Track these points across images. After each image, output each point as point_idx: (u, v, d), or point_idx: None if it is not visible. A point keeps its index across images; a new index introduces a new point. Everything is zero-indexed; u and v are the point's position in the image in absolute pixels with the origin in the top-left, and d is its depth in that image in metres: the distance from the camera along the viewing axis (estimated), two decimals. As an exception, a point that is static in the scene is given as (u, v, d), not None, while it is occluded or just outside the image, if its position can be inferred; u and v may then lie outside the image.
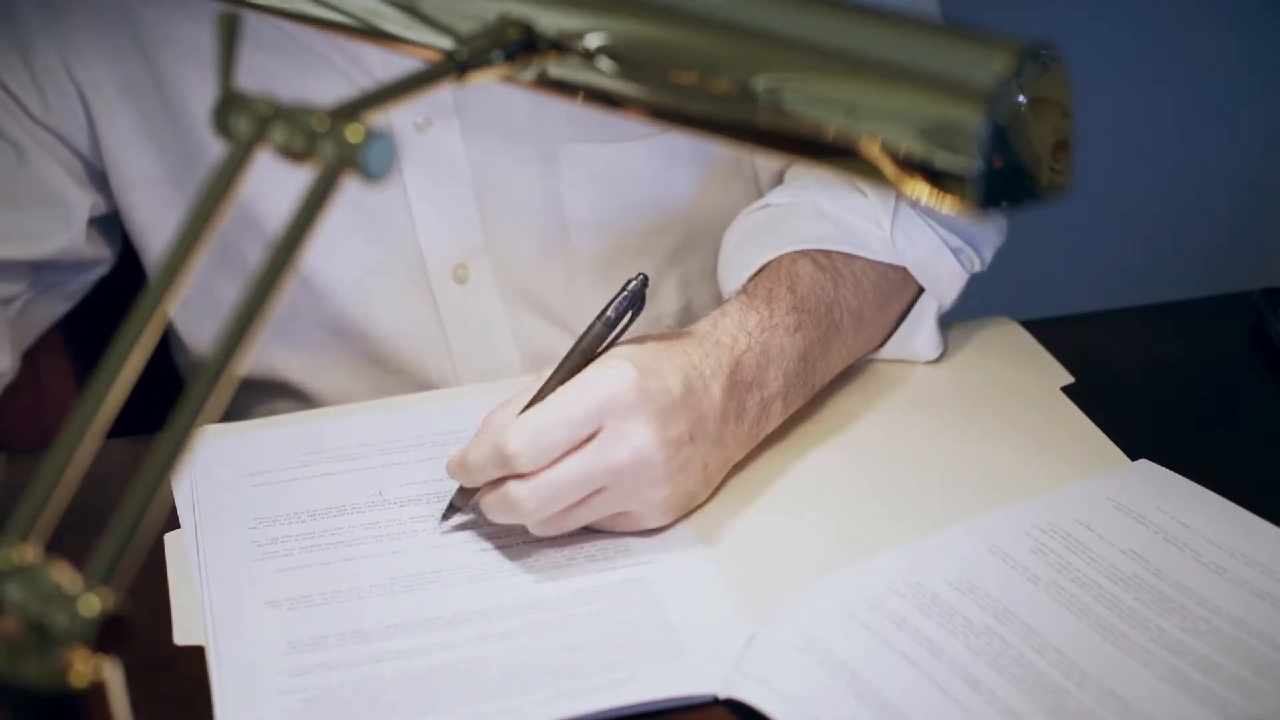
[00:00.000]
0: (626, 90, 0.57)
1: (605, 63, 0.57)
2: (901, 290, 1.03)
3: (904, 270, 1.02)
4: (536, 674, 0.77)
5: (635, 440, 0.84)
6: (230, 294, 1.11)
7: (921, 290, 1.04)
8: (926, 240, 1.00)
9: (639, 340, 0.89)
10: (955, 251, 1.03)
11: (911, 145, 0.50)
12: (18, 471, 0.96)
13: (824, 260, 0.98)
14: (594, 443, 0.83)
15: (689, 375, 0.87)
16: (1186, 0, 1.83)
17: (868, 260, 1.00)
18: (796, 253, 0.98)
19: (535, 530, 0.85)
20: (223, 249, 1.09)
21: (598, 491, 0.84)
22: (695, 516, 0.88)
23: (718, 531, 0.87)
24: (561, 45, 0.58)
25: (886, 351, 1.05)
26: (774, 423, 0.94)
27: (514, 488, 0.82)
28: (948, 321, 1.08)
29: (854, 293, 0.99)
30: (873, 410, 0.98)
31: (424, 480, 0.92)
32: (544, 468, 0.82)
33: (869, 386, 1.01)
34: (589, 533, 0.87)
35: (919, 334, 1.04)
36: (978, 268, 1.05)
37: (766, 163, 1.12)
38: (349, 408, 1.02)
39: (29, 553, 0.45)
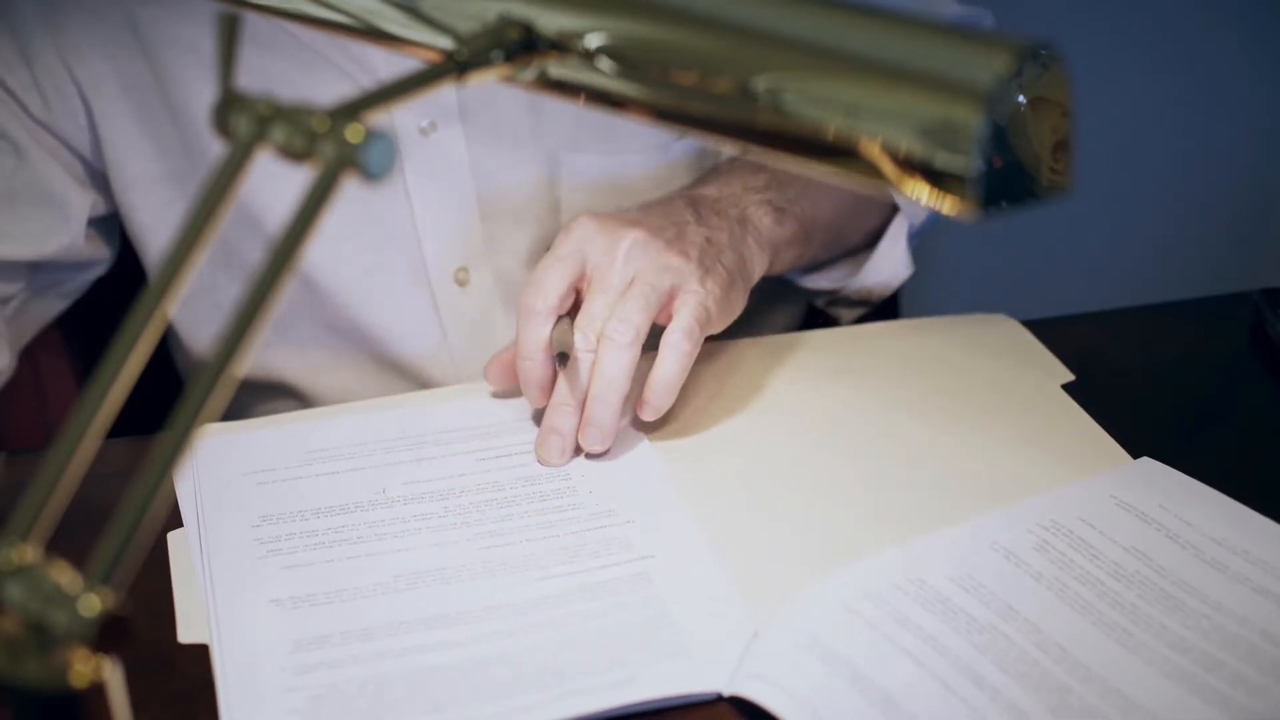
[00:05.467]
0: (627, 90, 0.57)
1: (605, 63, 0.57)
2: (872, 200, 1.10)
3: None
4: (541, 672, 0.77)
5: (624, 227, 0.94)
6: (231, 294, 1.11)
7: (894, 212, 1.12)
8: None
9: None
10: None
11: (911, 145, 0.50)
12: (18, 471, 0.96)
13: None
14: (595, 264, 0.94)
15: (647, 205, 0.99)
16: (1186, 0, 1.83)
17: None
18: None
19: (619, 352, 0.91)
20: (223, 249, 1.09)
21: (635, 282, 0.92)
22: (698, 513, 0.88)
23: (720, 529, 0.87)
24: (562, 45, 0.58)
25: (866, 275, 1.12)
26: (768, 222, 1.03)
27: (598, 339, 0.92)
28: (948, 317, 1.08)
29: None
30: (873, 408, 0.98)
31: (426, 479, 0.93)
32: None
33: (868, 385, 1.01)
34: (591, 529, 0.87)
35: (894, 254, 1.11)
36: None
37: None
38: (350, 406, 1.02)
39: (29, 553, 0.45)
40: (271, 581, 0.84)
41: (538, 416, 0.96)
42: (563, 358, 0.92)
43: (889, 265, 1.12)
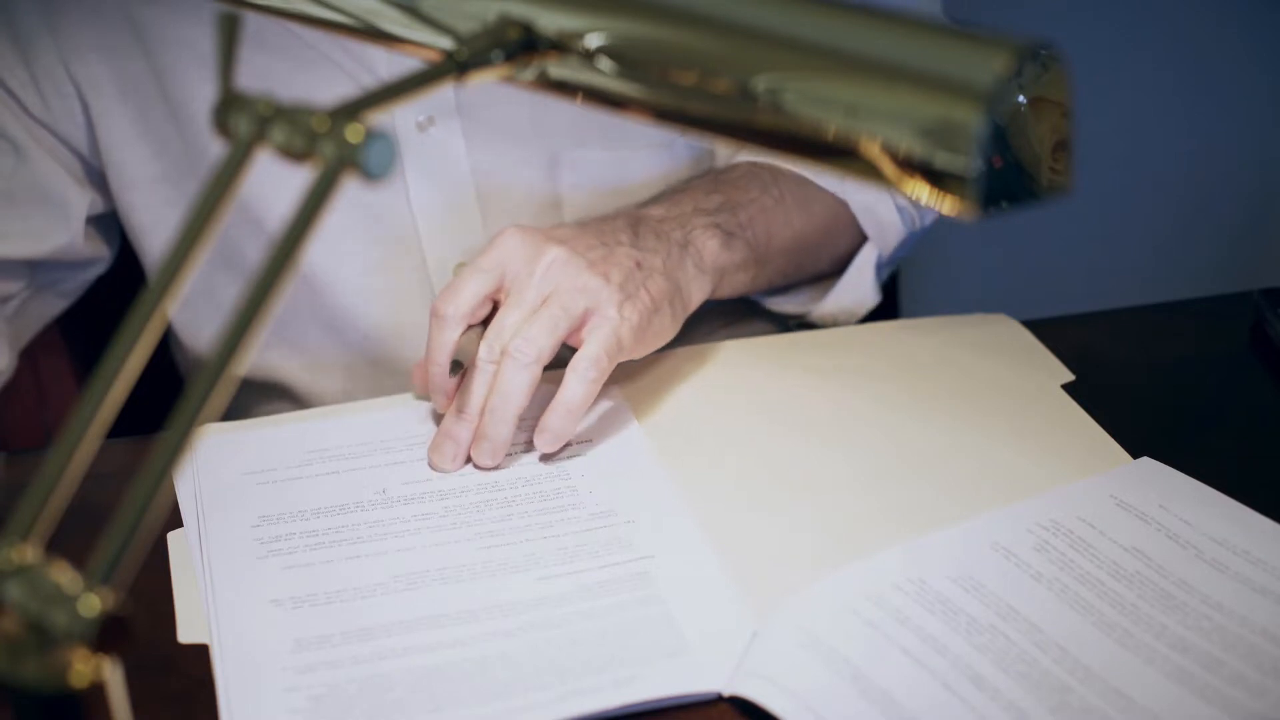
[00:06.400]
0: (626, 90, 0.57)
1: (605, 63, 0.57)
2: (839, 221, 1.10)
3: (846, 210, 1.09)
4: (542, 672, 0.77)
5: (549, 243, 0.93)
6: (231, 294, 1.11)
7: (862, 241, 1.11)
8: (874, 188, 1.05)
9: None
10: (900, 209, 1.10)
11: (911, 145, 0.50)
12: (18, 471, 0.96)
13: (764, 169, 1.07)
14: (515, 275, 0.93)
15: (584, 223, 0.98)
16: (1187, 0, 1.83)
17: (815, 185, 1.08)
18: (741, 162, 1.08)
19: (519, 371, 0.89)
20: (223, 248, 1.09)
21: (548, 301, 0.91)
22: (698, 513, 0.88)
23: (720, 529, 0.87)
24: (562, 45, 0.58)
25: (830, 302, 1.11)
26: (714, 245, 1.01)
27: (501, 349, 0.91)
28: (948, 317, 1.08)
29: (793, 198, 1.07)
30: (873, 408, 0.98)
31: (427, 479, 0.93)
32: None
33: (868, 385, 1.01)
34: (591, 529, 0.87)
35: (860, 282, 1.10)
36: (917, 226, 1.12)
37: None
38: (350, 406, 1.02)
39: (29, 553, 0.45)
40: (271, 581, 0.84)
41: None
42: (455, 365, 0.92)
43: (854, 293, 1.12)
